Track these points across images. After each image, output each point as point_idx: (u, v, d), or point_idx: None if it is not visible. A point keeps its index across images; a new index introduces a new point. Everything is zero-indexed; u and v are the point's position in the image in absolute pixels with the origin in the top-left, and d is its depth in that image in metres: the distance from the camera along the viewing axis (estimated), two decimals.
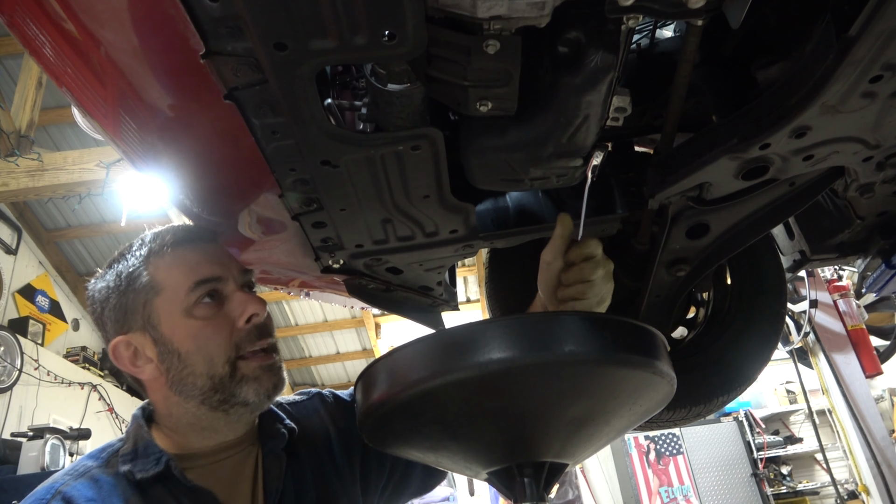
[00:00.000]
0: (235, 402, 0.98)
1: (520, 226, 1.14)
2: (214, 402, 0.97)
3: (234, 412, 0.99)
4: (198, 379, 0.97)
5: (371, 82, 0.82)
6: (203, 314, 0.98)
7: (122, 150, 1.00)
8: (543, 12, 0.68)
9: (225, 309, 1.01)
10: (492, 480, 0.93)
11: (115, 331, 1.01)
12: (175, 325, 0.98)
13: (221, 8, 0.63)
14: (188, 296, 0.98)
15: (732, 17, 0.73)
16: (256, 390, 0.99)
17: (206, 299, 0.99)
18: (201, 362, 0.97)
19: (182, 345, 0.97)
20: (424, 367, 0.81)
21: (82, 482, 0.93)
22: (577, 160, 0.94)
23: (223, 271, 1.03)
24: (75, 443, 4.66)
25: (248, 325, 1.00)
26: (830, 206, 1.32)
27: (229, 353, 0.98)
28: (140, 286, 0.99)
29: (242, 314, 1.00)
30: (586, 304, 1.11)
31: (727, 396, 1.52)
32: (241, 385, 0.98)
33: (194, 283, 0.99)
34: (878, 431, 3.99)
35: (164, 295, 0.99)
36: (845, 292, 4.21)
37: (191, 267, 1.00)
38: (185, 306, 0.98)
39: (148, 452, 0.97)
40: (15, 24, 0.82)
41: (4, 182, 4.47)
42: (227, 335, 0.98)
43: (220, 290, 1.01)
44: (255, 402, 0.99)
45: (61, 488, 0.91)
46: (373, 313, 7.83)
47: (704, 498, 6.44)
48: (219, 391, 0.97)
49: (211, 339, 0.97)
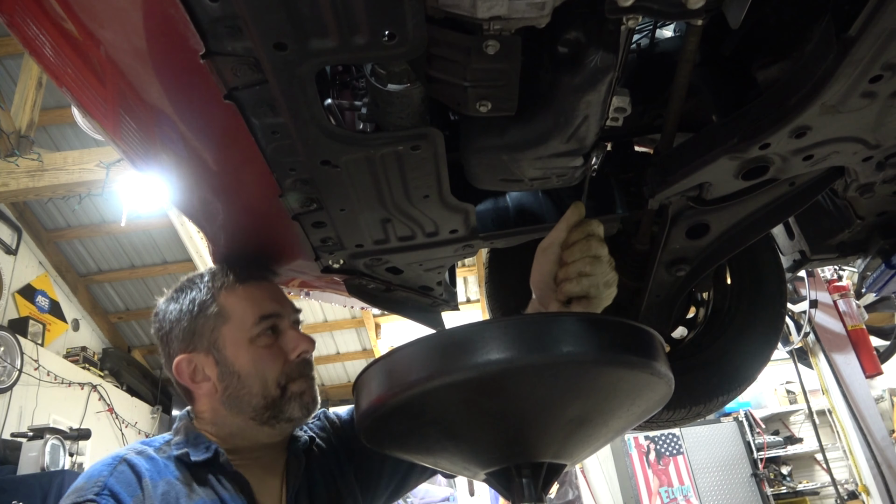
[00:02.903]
0: (283, 418, 1.12)
1: (520, 226, 1.14)
2: (265, 417, 1.12)
3: (280, 426, 1.14)
4: (253, 398, 1.11)
5: (371, 82, 0.82)
6: (264, 344, 1.13)
7: (122, 150, 1.00)
8: (543, 12, 0.68)
9: (280, 341, 1.15)
10: (490, 481, 0.93)
11: (180, 349, 1.14)
12: (238, 351, 1.12)
13: (221, 8, 0.63)
14: (253, 327, 1.13)
15: (732, 17, 0.73)
16: (300, 406, 1.14)
17: (268, 332, 1.14)
18: (257, 384, 1.11)
19: (243, 368, 1.11)
20: (423, 368, 0.81)
21: (142, 457, 1.06)
22: (577, 160, 0.94)
23: (282, 309, 1.18)
24: (75, 443, 4.66)
25: (299, 359, 1.15)
26: (830, 206, 1.32)
27: (280, 380, 1.12)
28: (210, 313, 1.13)
29: (295, 349, 1.14)
30: (593, 280, 1.04)
31: (727, 396, 1.52)
32: (289, 402, 1.13)
33: (259, 318, 1.13)
34: (878, 431, 3.99)
35: (231, 323, 1.13)
36: (845, 292, 4.21)
37: (257, 302, 1.15)
38: (249, 336, 1.12)
39: (198, 442, 1.11)
40: (15, 24, 0.82)
41: (4, 182, 4.47)
42: (280, 363, 1.13)
43: (278, 324, 1.16)
44: (299, 417, 1.15)
45: (126, 456, 1.05)
46: (373, 313, 7.83)
47: (704, 498, 6.44)
48: (270, 409, 1.11)
49: (268, 365, 1.12)
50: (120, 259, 6.92)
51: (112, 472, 1.01)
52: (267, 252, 1.25)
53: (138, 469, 1.02)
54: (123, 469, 1.02)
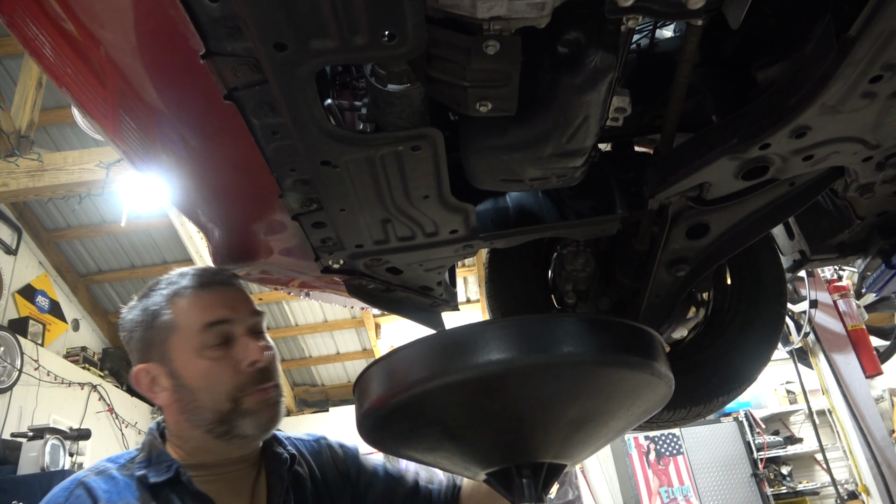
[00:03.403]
0: (236, 433, 1.07)
1: (520, 226, 1.13)
2: (218, 432, 1.07)
3: (235, 442, 1.09)
4: (204, 412, 1.06)
5: (371, 82, 0.82)
6: (212, 355, 1.07)
7: (122, 150, 1.00)
8: (543, 13, 0.68)
9: (232, 351, 1.09)
10: (490, 481, 0.93)
11: (137, 359, 1.12)
12: (187, 363, 1.07)
13: (221, 8, 0.63)
14: (199, 336, 1.07)
15: (732, 17, 0.73)
16: (254, 423, 1.07)
17: (215, 341, 1.08)
18: (208, 398, 1.06)
19: (192, 381, 1.07)
20: (423, 369, 0.81)
21: (102, 478, 1.04)
22: (577, 160, 0.94)
23: (233, 314, 1.11)
24: (75, 443, 4.66)
25: (251, 369, 1.08)
26: (830, 206, 1.32)
27: (232, 393, 1.07)
28: (161, 323, 1.09)
29: (244, 359, 1.08)
30: None
31: (727, 396, 1.52)
32: (242, 418, 1.06)
33: (204, 325, 1.08)
34: (878, 431, 3.99)
35: (179, 334, 1.08)
36: (845, 292, 4.20)
37: (203, 309, 1.10)
38: (195, 346, 1.07)
39: (160, 460, 1.07)
40: (15, 24, 0.82)
41: (4, 182, 4.47)
42: (231, 376, 1.07)
43: (229, 332, 1.10)
44: (253, 434, 1.08)
45: (83, 479, 1.03)
46: (373, 313, 7.83)
47: (704, 498, 6.44)
48: (223, 423, 1.06)
49: (216, 378, 1.07)
50: (120, 259, 6.92)
51: (67, 499, 0.99)
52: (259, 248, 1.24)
53: (95, 493, 1.00)
54: (80, 493, 1.00)
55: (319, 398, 8.89)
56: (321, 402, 8.78)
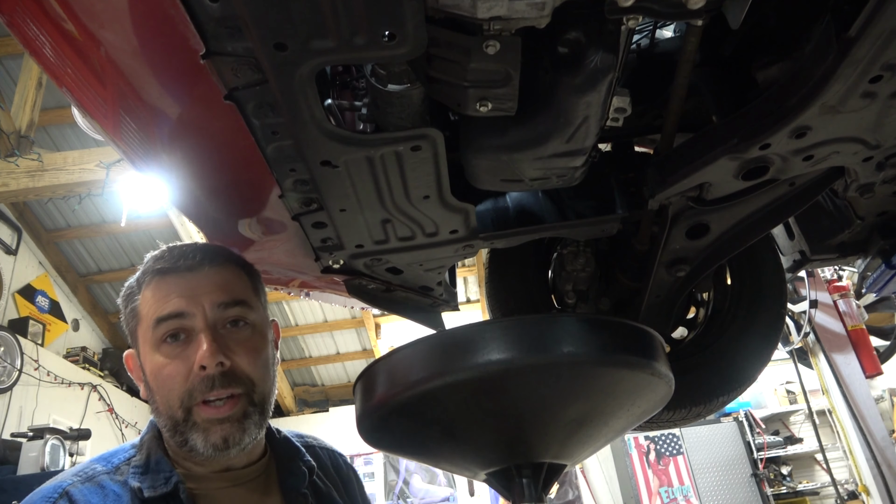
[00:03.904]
0: (190, 446, 0.92)
1: (520, 226, 1.13)
2: (177, 441, 0.94)
3: (193, 456, 0.94)
4: (160, 417, 0.95)
5: (371, 83, 0.82)
6: (166, 352, 0.94)
7: (122, 150, 1.00)
8: (543, 13, 0.68)
9: (188, 349, 0.93)
10: (490, 481, 0.93)
11: (129, 343, 1.01)
12: (146, 358, 0.96)
13: (221, 8, 0.63)
14: (152, 330, 0.94)
15: (732, 18, 0.73)
16: (204, 441, 0.91)
17: (169, 339, 0.94)
18: (161, 401, 0.94)
19: (151, 380, 0.95)
20: (423, 369, 0.81)
21: (89, 486, 0.90)
22: (577, 160, 0.94)
23: (190, 306, 0.94)
24: (75, 443, 4.65)
25: (202, 373, 0.91)
26: (830, 207, 1.32)
27: (183, 398, 0.92)
28: (131, 309, 0.98)
29: (197, 360, 0.92)
30: None
31: (727, 396, 1.52)
32: (192, 431, 0.92)
33: (155, 321, 0.94)
34: (878, 431, 3.99)
35: (142, 324, 0.97)
36: (845, 292, 4.20)
37: (159, 300, 0.95)
38: (152, 340, 0.94)
39: (159, 469, 0.93)
40: (15, 24, 0.82)
41: (4, 182, 4.47)
42: (182, 379, 0.92)
43: (186, 326, 0.94)
44: (204, 452, 0.92)
45: (68, 488, 0.89)
46: (373, 314, 7.82)
47: (704, 498, 6.44)
48: (177, 432, 0.93)
49: (167, 379, 0.93)
50: (120, 259, 6.92)
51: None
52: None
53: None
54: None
55: (319, 398, 8.88)
56: (321, 403, 8.78)
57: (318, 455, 1.14)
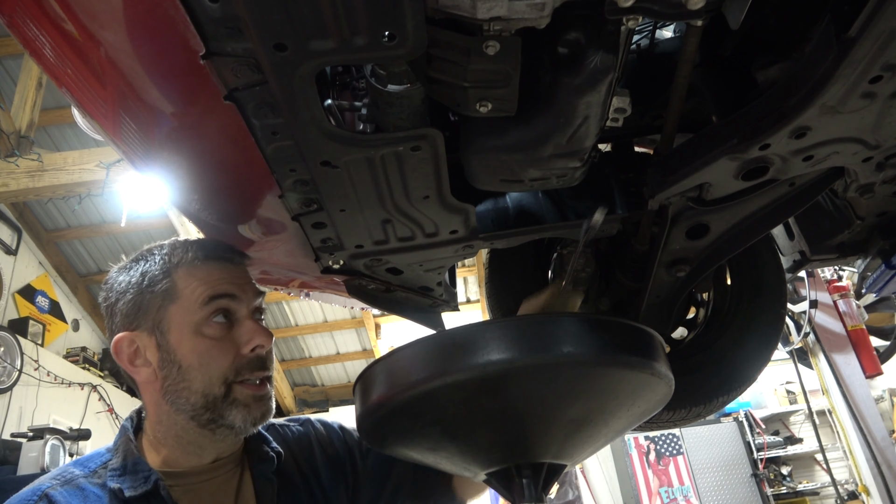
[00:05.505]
0: (223, 423, 0.98)
1: (520, 226, 1.13)
2: (203, 420, 0.98)
3: (220, 433, 1.00)
4: (192, 395, 0.98)
5: (371, 83, 0.82)
6: (212, 333, 1.00)
7: (122, 150, 1.00)
8: (543, 13, 0.68)
9: (233, 332, 1.01)
10: (490, 482, 0.93)
11: (123, 325, 1.02)
12: (183, 338, 0.99)
13: (221, 9, 0.63)
14: (201, 308, 0.99)
15: (732, 18, 0.73)
16: (244, 417, 0.99)
17: (218, 318, 1.01)
18: (199, 379, 0.98)
19: (185, 359, 0.98)
20: (423, 369, 0.81)
21: (69, 489, 0.93)
22: (577, 161, 0.94)
23: (239, 291, 1.04)
24: (75, 443, 4.66)
25: (252, 353, 1.01)
26: (830, 207, 1.32)
27: (227, 376, 0.99)
28: (159, 289, 1.01)
29: (249, 343, 1.01)
30: None
31: (727, 397, 1.52)
32: (231, 408, 0.98)
33: (208, 298, 1.00)
34: (878, 431, 3.99)
35: (179, 303, 1.00)
36: (845, 293, 4.21)
37: (209, 282, 1.02)
38: (196, 320, 0.99)
39: (137, 469, 0.97)
40: (15, 24, 0.82)
41: (4, 182, 4.47)
42: (230, 359, 0.99)
43: (233, 310, 1.02)
44: (241, 427, 1.00)
45: (48, 490, 0.92)
46: (373, 314, 7.83)
47: (704, 498, 6.44)
48: (209, 410, 0.98)
49: (215, 359, 0.98)
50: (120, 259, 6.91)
51: None
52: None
53: None
54: None
55: (319, 398, 8.89)
56: (321, 403, 8.79)
57: (285, 435, 1.19)
